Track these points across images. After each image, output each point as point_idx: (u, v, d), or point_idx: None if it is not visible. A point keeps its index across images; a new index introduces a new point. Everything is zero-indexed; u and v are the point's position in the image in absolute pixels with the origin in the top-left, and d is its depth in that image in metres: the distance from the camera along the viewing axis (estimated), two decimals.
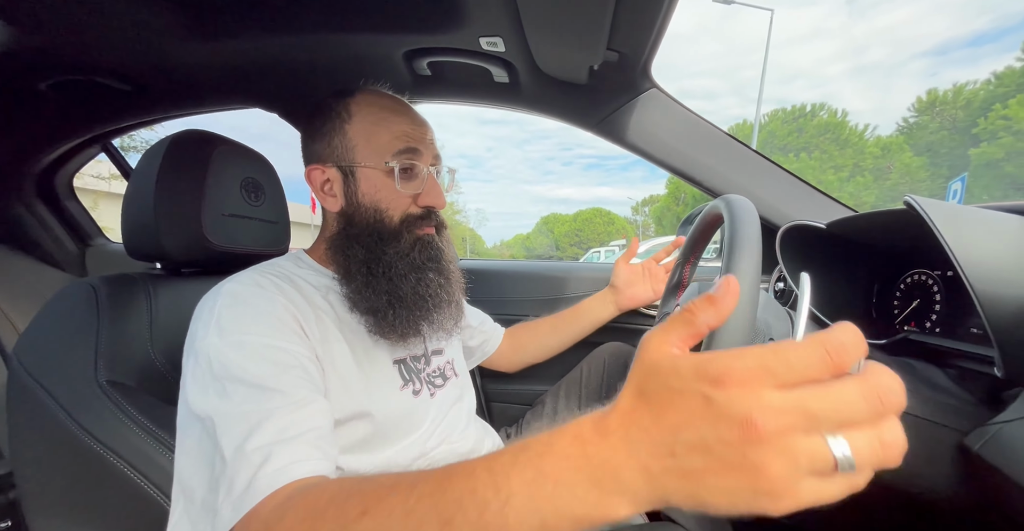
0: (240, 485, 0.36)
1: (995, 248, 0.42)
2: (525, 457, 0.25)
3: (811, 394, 0.20)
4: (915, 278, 0.68)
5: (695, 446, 0.21)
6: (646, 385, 0.24)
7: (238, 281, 0.51)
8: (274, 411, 0.40)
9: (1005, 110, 10.65)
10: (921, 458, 0.49)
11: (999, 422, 0.45)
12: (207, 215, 0.64)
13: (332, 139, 0.58)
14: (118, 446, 0.47)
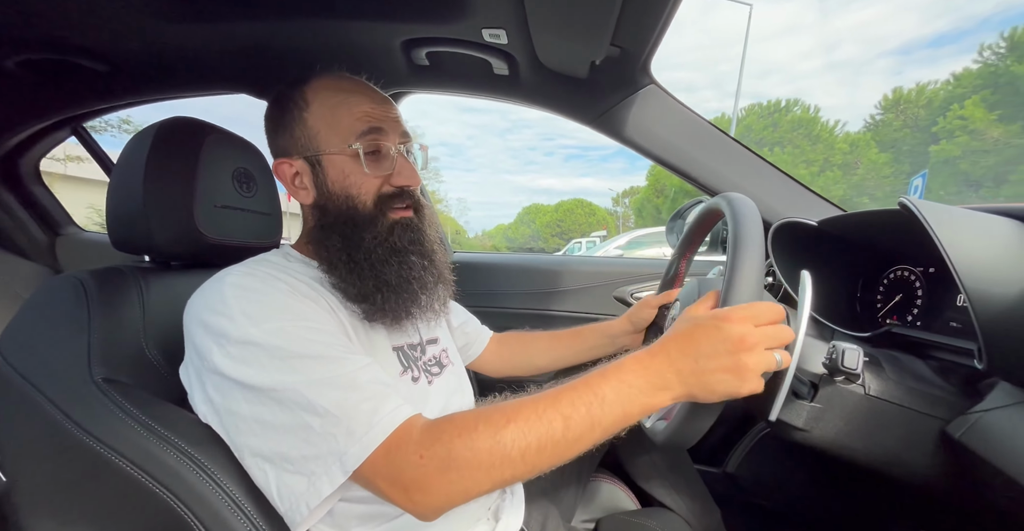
0: (361, 429, 0.41)
1: (985, 248, 0.44)
2: (609, 372, 0.43)
3: (769, 329, 0.43)
4: (898, 274, 0.71)
5: (708, 355, 0.42)
6: (681, 325, 0.45)
7: (239, 274, 0.50)
8: (353, 373, 0.44)
9: (962, 110, 11.14)
10: (906, 445, 0.52)
11: (979, 411, 0.48)
12: (200, 207, 0.61)
13: (294, 130, 0.56)
14: (119, 445, 0.45)
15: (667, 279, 0.83)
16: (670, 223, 1.28)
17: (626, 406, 0.42)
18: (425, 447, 0.40)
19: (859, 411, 0.53)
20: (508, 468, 0.40)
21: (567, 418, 0.40)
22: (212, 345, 0.45)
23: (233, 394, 0.44)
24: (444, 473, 0.40)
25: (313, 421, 0.42)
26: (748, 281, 0.45)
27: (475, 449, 0.40)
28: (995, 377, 0.50)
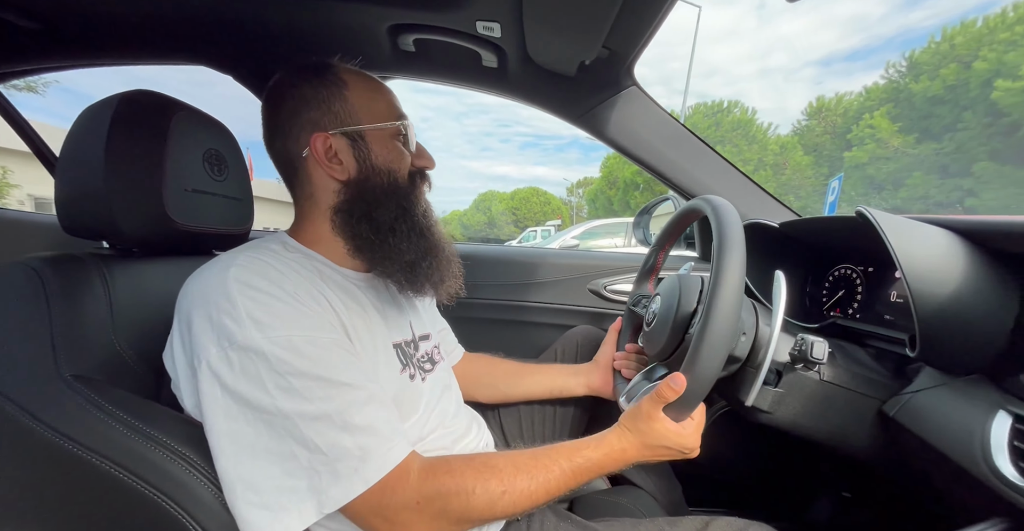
0: (346, 472, 0.41)
1: (927, 254, 0.51)
2: (595, 443, 0.55)
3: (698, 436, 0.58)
4: (841, 272, 0.80)
5: (663, 450, 0.56)
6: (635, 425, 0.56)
7: (243, 268, 0.47)
8: (351, 406, 0.44)
9: (871, 120, 12.42)
10: (851, 422, 0.60)
11: (909, 392, 0.56)
12: (170, 190, 0.56)
13: (332, 104, 0.54)
14: (100, 446, 0.41)
15: (645, 269, 0.87)
16: (636, 218, 1.34)
17: (604, 466, 0.54)
18: (423, 496, 0.44)
19: (814, 395, 0.60)
20: (493, 515, 0.48)
21: (548, 492, 0.50)
22: (211, 345, 0.43)
23: (216, 404, 0.42)
24: (435, 522, 0.45)
25: (300, 453, 0.41)
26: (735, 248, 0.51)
27: (469, 509, 0.45)
28: (921, 363, 0.58)
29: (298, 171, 0.56)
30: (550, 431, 0.90)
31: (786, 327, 0.71)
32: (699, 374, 0.50)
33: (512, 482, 0.47)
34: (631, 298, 0.89)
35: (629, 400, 0.73)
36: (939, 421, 0.50)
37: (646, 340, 0.75)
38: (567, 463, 0.51)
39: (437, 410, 0.64)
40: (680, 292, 0.66)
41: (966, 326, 0.49)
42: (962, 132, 10.05)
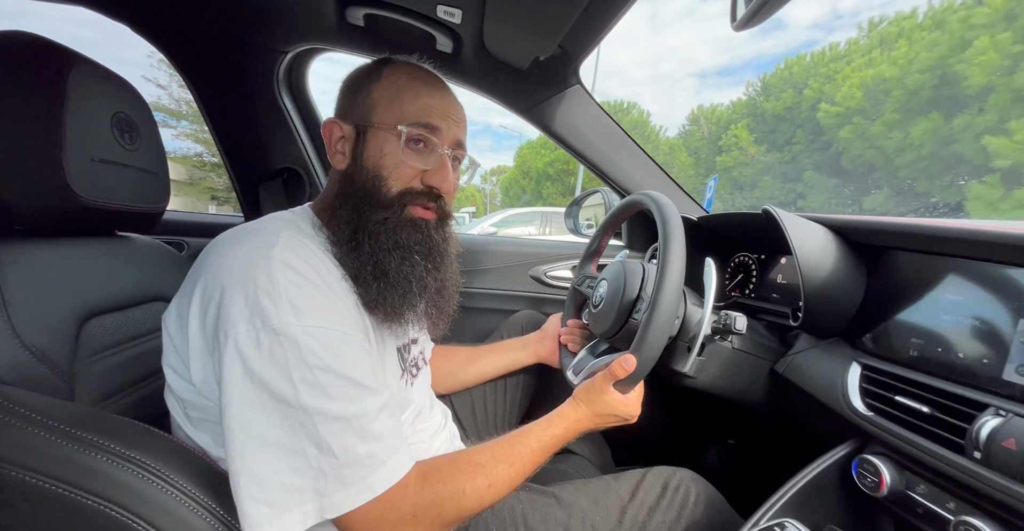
0: (354, 480, 0.41)
1: (813, 245, 0.64)
2: (556, 420, 0.61)
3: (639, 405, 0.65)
4: (740, 259, 0.95)
5: (611, 417, 0.63)
6: (587, 397, 0.63)
7: (289, 249, 0.45)
8: (369, 412, 0.43)
9: (736, 130, 14.59)
10: (752, 381, 0.73)
11: (792, 354, 0.70)
12: (72, 159, 0.46)
13: (356, 96, 0.54)
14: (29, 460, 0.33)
15: (589, 252, 0.94)
16: (569, 208, 1.42)
17: (564, 437, 0.61)
18: (420, 508, 0.45)
19: (727, 360, 0.72)
20: (482, 506, 0.50)
21: (524, 474, 0.55)
22: (242, 321, 0.40)
23: (234, 385, 0.40)
24: (432, 525, 0.46)
25: (310, 452, 0.40)
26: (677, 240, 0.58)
27: (460, 510, 0.48)
28: (799, 331, 0.73)
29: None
30: (501, 411, 0.93)
31: (702, 305, 0.83)
32: (646, 355, 0.57)
33: (495, 474, 0.51)
34: (575, 277, 0.95)
35: (576, 373, 0.80)
36: (813, 374, 0.65)
37: (593, 320, 0.82)
38: (536, 444, 0.56)
39: (420, 410, 0.66)
40: (625, 279, 0.73)
41: (833, 301, 0.64)
42: (796, 146, 12.37)
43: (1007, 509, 0.39)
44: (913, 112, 8.73)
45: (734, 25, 0.49)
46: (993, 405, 0.42)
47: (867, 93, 9.90)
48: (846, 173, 10.82)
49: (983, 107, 7.19)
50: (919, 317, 0.55)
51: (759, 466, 1.06)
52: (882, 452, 0.53)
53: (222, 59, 0.80)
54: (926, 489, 0.47)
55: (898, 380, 0.53)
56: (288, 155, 0.91)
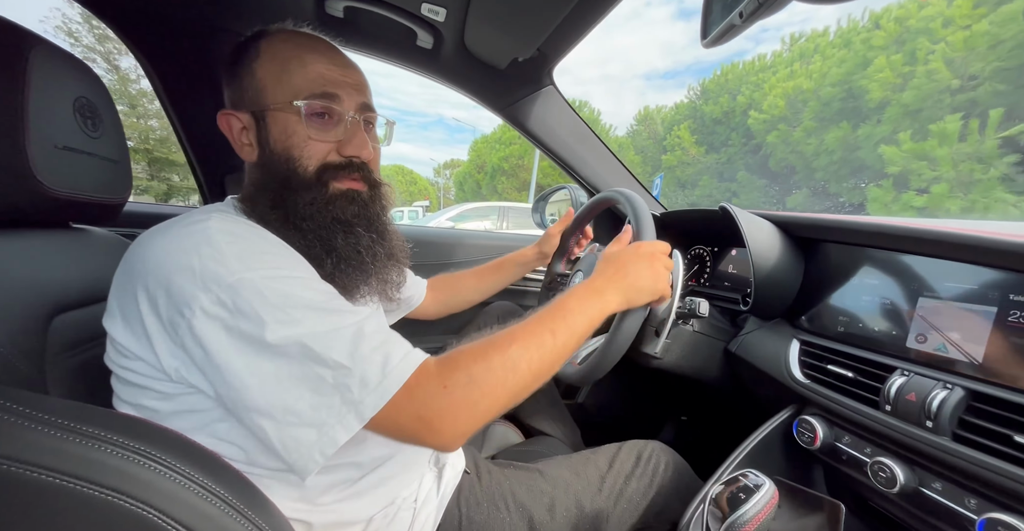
0: (375, 378, 0.40)
1: (762, 237, 0.73)
2: (570, 296, 0.54)
3: (664, 249, 0.62)
4: (696, 251, 1.05)
5: (634, 268, 0.58)
6: (610, 258, 0.60)
7: (223, 220, 0.44)
8: (358, 323, 0.42)
9: (678, 131, 15.49)
10: (708, 359, 0.82)
11: (742, 334, 0.80)
12: (35, 146, 0.43)
13: (242, 81, 0.50)
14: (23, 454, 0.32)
15: (559, 251, 0.99)
16: (535, 203, 1.47)
17: (589, 313, 0.52)
18: (446, 377, 0.42)
19: (689, 342, 0.80)
20: (519, 380, 0.44)
21: (554, 332, 0.48)
22: (198, 291, 0.39)
23: (223, 346, 0.39)
24: (468, 395, 0.41)
25: (324, 373, 0.39)
26: (649, 231, 0.65)
27: (491, 367, 0.43)
28: (748, 314, 0.83)
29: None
30: None
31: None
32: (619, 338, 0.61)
33: (514, 334, 0.46)
34: (547, 276, 1.00)
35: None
36: (760, 350, 0.74)
37: None
38: (556, 309, 0.51)
39: None
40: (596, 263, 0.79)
41: (778, 287, 0.74)
42: (731, 148, 13.40)
43: (908, 448, 0.49)
44: (826, 121, 9.79)
45: (704, 42, 0.55)
46: (900, 368, 0.52)
47: (789, 102, 10.93)
48: (773, 174, 11.92)
49: (880, 119, 8.23)
50: (844, 299, 0.65)
51: (707, 438, 1.19)
52: (816, 413, 0.62)
53: (191, 46, 0.74)
54: (849, 439, 0.57)
55: (829, 352, 0.63)
56: None
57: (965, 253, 0.49)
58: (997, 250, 0.45)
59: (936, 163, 6.37)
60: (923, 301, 0.53)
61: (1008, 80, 6.45)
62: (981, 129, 6.09)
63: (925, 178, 6.54)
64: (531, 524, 0.61)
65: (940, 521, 0.46)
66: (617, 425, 1.33)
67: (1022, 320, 0.43)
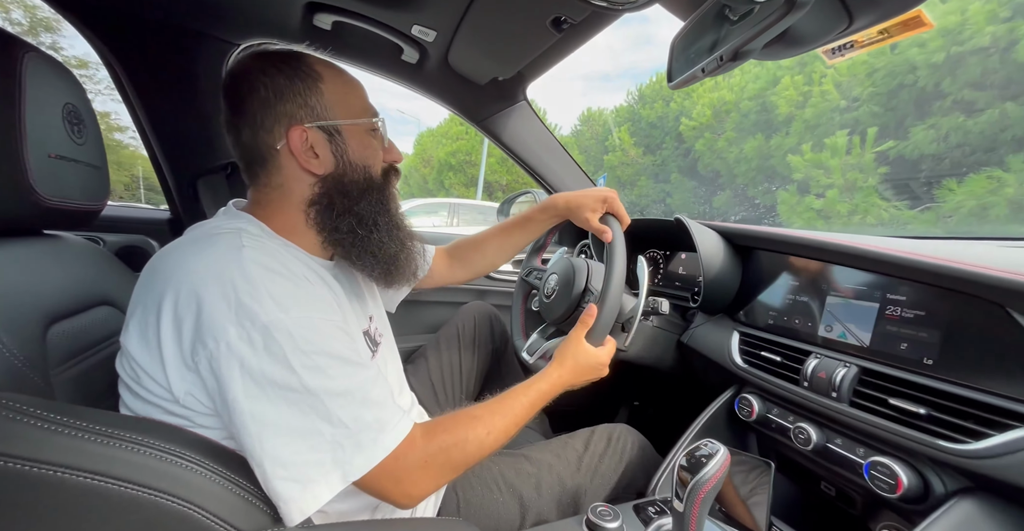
0: (368, 443, 0.44)
1: (710, 245, 0.86)
2: (529, 390, 0.62)
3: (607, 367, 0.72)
4: (651, 254, 1.18)
5: (588, 368, 0.69)
6: (566, 357, 0.68)
7: (257, 250, 0.46)
8: (366, 384, 0.46)
9: (619, 132, 16.29)
10: (664, 351, 0.95)
11: (692, 328, 0.93)
12: (32, 156, 0.42)
13: (308, 98, 0.52)
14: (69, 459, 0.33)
15: (536, 247, 1.06)
16: (501, 205, 1.54)
17: (538, 406, 0.64)
18: (430, 454, 0.49)
19: (649, 336, 0.92)
20: (481, 455, 0.54)
21: (515, 421, 0.59)
22: (230, 325, 0.41)
23: (235, 384, 0.41)
24: (442, 468, 0.50)
25: (324, 428, 0.43)
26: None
27: (466, 446, 0.52)
28: (696, 310, 0.96)
29: (267, 162, 0.51)
30: (458, 392, 1.02)
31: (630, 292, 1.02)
32: (609, 305, 0.70)
33: (492, 423, 0.55)
34: (523, 269, 1.07)
35: (531, 354, 0.93)
36: (707, 341, 0.88)
37: (545, 308, 0.95)
38: (525, 398, 0.62)
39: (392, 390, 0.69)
40: (574, 274, 0.87)
41: (722, 287, 0.87)
42: (665, 151, 14.39)
43: (819, 414, 0.63)
44: (745, 131, 10.89)
45: (670, 85, 0.64)
46: (814, 352, 0.66)
47: (714, 112, 11.98)
48: (701, 177, 13.02)
49: (788, 132, 9.33)
50: (772, 297, 0.79)
51: (656, 419, 1.34)
52: (753, 391, 0.76)
53: (167, 48, 0.70)
54: (778, 411, 0.71)
55: (762, 341, 0.76)
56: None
57: (858, 262, 0.63)
58: (879, 260, 0.59)
59: (830, 171, 7.42)
60: (830, 299, 0.68)
61: (880, 103, 7.67)
62: (862, 144, 7.19)
63: (822, 184, 7.58)
64: (521, 501, 0.69)
65: (840, 468, 0.60)
66: (579, 412, 1.45)
67: (896, 313, 0.58)
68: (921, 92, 7.10)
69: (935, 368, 0.52)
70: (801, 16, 0.43)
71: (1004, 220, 5.36)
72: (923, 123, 6.99)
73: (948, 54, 6.56)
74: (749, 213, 12.18)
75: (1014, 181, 5.39)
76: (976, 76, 6.40)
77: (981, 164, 6.24)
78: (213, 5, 0.59)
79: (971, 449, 0.44)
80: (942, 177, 6.34)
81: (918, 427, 0.50)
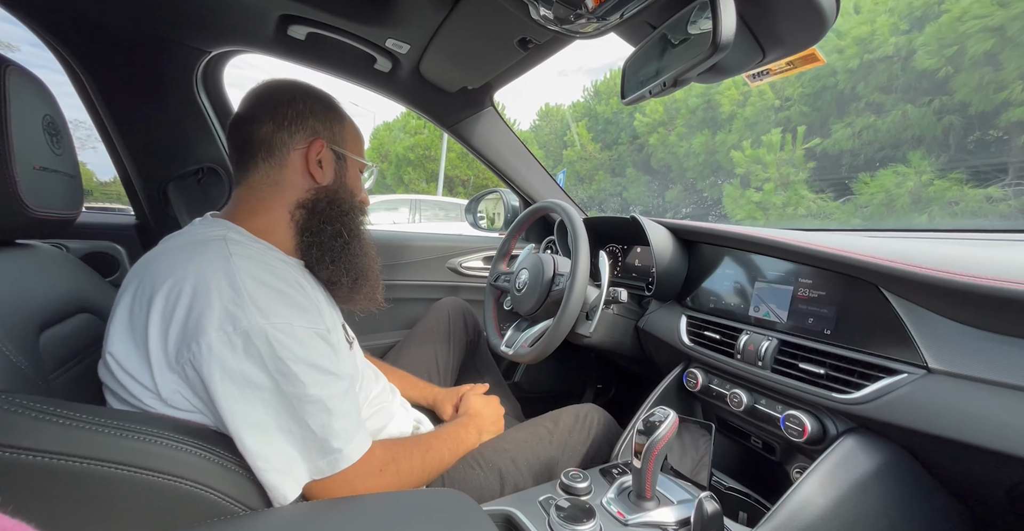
0: (332, 450, 0.50)
1: (661, 240, 0.96)
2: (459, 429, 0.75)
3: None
4: (610, 248, 1.29)
5: (488, 432, 0.81)
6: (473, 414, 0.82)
7: (245, 258, 0.49)
8: (337, 395, 0.50)
9: (577, 127, 16.64)
10: (624, 336, 1.05)
11: (647, 314, 1.04)
12: (19, 169, 0.44)
13: (334, 125, 0.62)
14: (92, 451, 0.37)
15: (501, 253, 1.14)
16: (468, 204, 1.60)
17: (468, 443, 0.75)
18: (385, 464, 0.56)
19: (610, 322, 1.02)
20: (424, 478, 0.64)
21: (451, 450, 0.70)
22: (211, 329, 0.44)
23: (215, 386, 0.44)
24: (392, 481, 0.57)
25: (295, 429, 0.48)
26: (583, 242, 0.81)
27: (413, 466, 0.60)
28: (651, 298, 1.08)
29: (275, 157, 0.58)
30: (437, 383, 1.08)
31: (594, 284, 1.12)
32: (567, 316, 0.80)
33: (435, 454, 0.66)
34: (491, 275, 1.14)
35: (509, 346, 1.01)
36: (661, 325, 0.99)
37: (517, 303, 1.03)
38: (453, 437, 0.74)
39: (367, 372, 0.76)
40: (542, 264, 0.96)
41: (671, 276, 0.98)
42: (621, 146, 14.91)
43: (749, 381, 0.75)
44: (693, 128, 11.52)
45: (624, 101, 0.73)
46: (745, 329, 0.79)
47: (666, 109, 12.55)
48: (654, 171, 13.63)
49: (730, 129, 10.00)
50: (713, 284, 0.92)
51: (617, 399, 1.47)
52: (698, 366, 0.88)
53: (135, 55, 0.68)
54: (718, 382, 0.83)
55: (704, 322, 0.89)
56: (206, 154, 0.81)
57: (775, 252, 0.76)
58: (789, 250, 0.72)
59: (767, 166, 8.08)
60: (758, 284, 0.81)
61: (809, 103, 8.45)
62: (793, 141, 7.89)
63: (760, 178, 8.24)
64: (500, 474, 0.76)
65: (765, 423, 0.72)
66: (548, 398, 1.55)
67: (805, 294, 0.71)
68: (840, 94, 7.88)
69: (832, 337, 0.65)
70: (724, 55, 0.52)
71: (906, 210, 6.13)
72: (841, 121, 7.79)
73: (861, 61, 7.32)
74: (698, 206, 12.95)
75: (913, 175, 6.16)
76: (884, 81, 7.20)
77: (889, 159, 7.06)
78: (185, 13, 0.60)
79: (851, 398, 0.57)
80: (858, 171, 7.12)
81: (819, 384, 0.63)
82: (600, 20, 0.64)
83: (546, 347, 0.87)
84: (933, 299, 0.54)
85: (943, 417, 0.49)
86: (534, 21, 0.62)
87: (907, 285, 0.56)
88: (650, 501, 0.61)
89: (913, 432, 0.52)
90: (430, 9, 0.65)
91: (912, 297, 0.56)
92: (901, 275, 0.55)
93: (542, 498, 0.62)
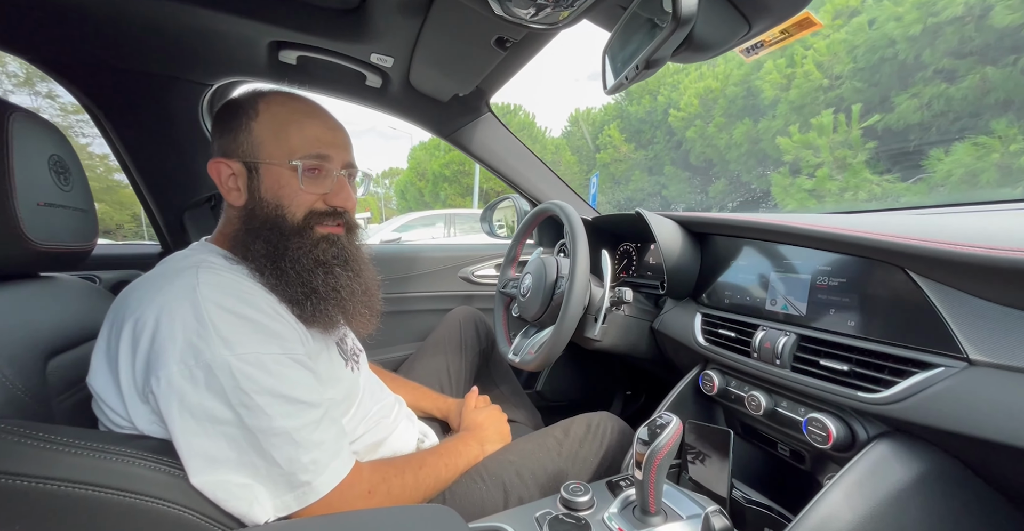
0: (300, 483, 0.47)
1: (668, 234, 0.91)
2: (458, 443, 0.73)
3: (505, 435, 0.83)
4: (623, 248, 1.24)
5: (495, 438, 0.79)
6: (471, 427, 0.80)
7: (212, 286, 0.48)
8: (308, 424, 0.48)
9: (609, 131, 16.41)
10: (639, 338, 1.00)
11: (662, 313, 0.98)
12: (22, 205, 0.48)
13: (238, 135, 0.56)
14: (76, 475, 0.38)
15: (508, 259, 1.12)
16: (483, 213, 1.60)
17: (467, 457, 0.72)
18: (374, 485, 0.54)
19: (622, 324, 0.97)
20: (418, 497, 0.61)
21: (447, 466, 0.67)
22: (172, 362, 0.43)
23: (173, 421, 0.43)
24: (384, 504, 0.55)
25: (259, 464, 0.45)
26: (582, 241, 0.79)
27: (405, 484, 0.58)
28: (666, 297, 1.02)
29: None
30: (449, 392, 1.07)
31: (600, 284, 1.08)
32: (566, 324, 0.77)
33: (429, 472, 0.63)
34: (500, 281, 1.13)
35: (516, 354, 0.99)
36: (675, 324, 0.93)
37: (523, 309, 1.01)
38: (452, 453, 0.71)
39: (370, 390, 0.75)
40: (545, 268, 0.94)
41: (683, 272, 0.92)
42: (657, 144, 14.47)
43: (767, 382, 0.68)
44: (733, 117, 10.95)
45: (605, 91, 0.71)
46: (762, 325, 0.72)
47: (702, 101, 12.06)
48: (694, 167, 13.07)
49: (774, 114, 9.39)
50: (728, 278, 0.85)
51: (648, 405, 1.39)
52: (714, 367, 0.81)
53: (144, 94, 0.77)
54: (735, 383, 0.76)
55: (719, 320, 0.82)
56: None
57: (788, 238, 0.69)
58: (807, 236, 0.65)
59: (818, 151, 7.46)
60: (773, 275, 0.74)
61: (863, 78, 7.74)
62: (848, 121, 7.24)
63: (811, 164, 7.62)
64: (505, 488, 0.73)
65: (788, 428, 0.65)
66: (573, 406, 1.50)
67: (824, 283, 0.64)
68: (902, 65, 7.15)
69: (856, 328, 0.57)
70: (689, 29, 0.49)
71: (992, 185, 5.37)
72: (906, 93, 7.05)
73: (925, 26, 6.61)
74: (746, 199, 12.20)
75: (999, 146, 5.40)
76: (954, 44, 6.44)
77: (967, 129, 6.27)
78: (184, 51, 0.66)
79: (881, 396, 0.50)
80: (931, 146, 6.38)
81: (843, 383, 0.55)
82: (568, 7, 0.63)
83: (550, 352, 0.84)
84: (971, 280, 0.46)
85: (989, 417, 0.41)
86: (504, 19, 0.62)
87: (938, 265, 0.48)
88: (655, 516, 0.56)
89: (953, 435, 0.44)
90: (404, 19, 0.67)
91: (945, 279, 0.48)
92: (929, 254, 0.48)
93: (539, 513, 0.58)
